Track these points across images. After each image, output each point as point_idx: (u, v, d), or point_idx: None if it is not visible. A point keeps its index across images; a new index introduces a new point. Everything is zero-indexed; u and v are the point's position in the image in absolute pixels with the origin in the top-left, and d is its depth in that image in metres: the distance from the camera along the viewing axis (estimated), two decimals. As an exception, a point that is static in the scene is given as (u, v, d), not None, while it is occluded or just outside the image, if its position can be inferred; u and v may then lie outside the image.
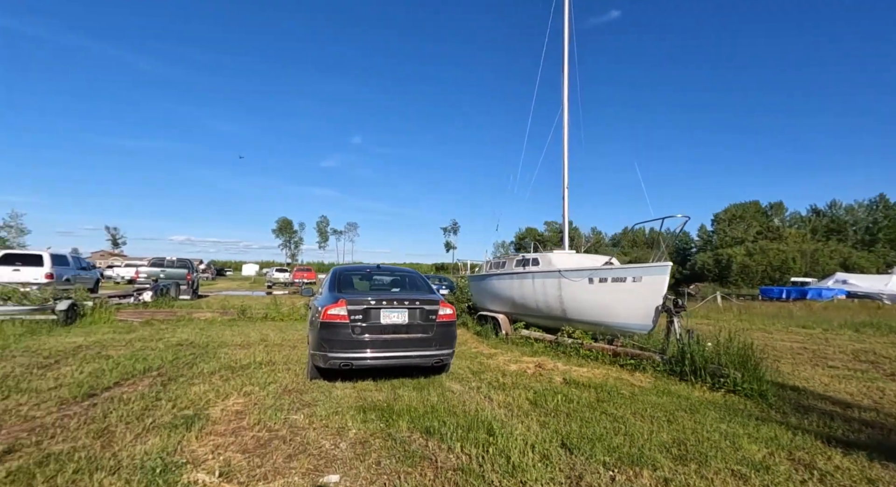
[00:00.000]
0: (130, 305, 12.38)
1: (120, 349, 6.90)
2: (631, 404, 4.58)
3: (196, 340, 7.97)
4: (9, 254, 15.49)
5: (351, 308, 4.89)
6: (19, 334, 7.69)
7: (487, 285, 10.04)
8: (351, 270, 6.30)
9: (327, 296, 5.42)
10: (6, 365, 5.61)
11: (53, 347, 6.83)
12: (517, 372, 5.97)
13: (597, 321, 7.08)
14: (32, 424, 3.69)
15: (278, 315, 11.82)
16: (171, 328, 9.51)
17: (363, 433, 3.66)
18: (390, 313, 5.02)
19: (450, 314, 5.34)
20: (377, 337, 4.91)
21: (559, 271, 7.54)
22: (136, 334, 8.46)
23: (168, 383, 5.05)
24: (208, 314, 11.78)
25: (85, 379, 5.02)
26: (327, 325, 4.88)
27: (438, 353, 5.08)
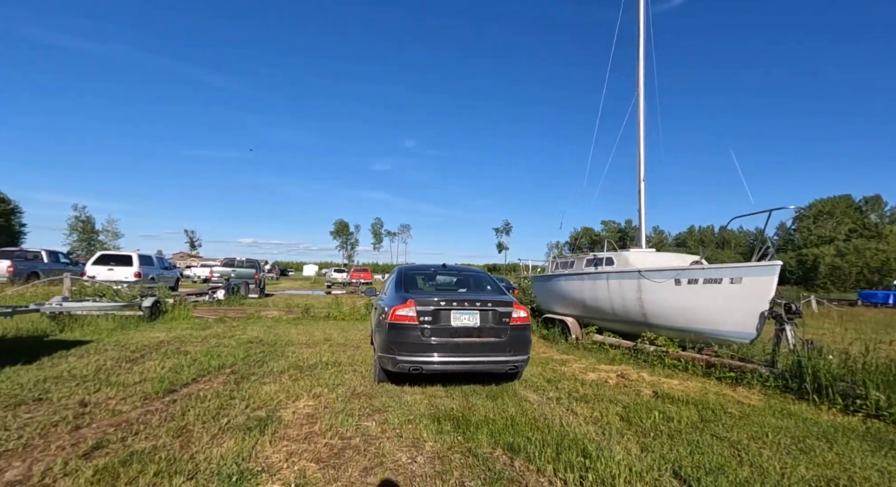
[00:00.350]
0: (205, 303, 13.14)
1: (197, 345, 7.18)
2: (745, 426, 3.91)
3: (265, 338, 8.16)
4: (104, 255, 17.13)
5: (420, 309, 4.63)
6: (111, 328, 8.28)
7: (554, 286, 9.46)
8: (416, 269, 6.06)
9: (394, 296, 5.21)
10: (99, 358, 5.96)
11: (139, 342, 7.24)
12: (597, 382, 5.42)
13: (685, 327, 6.32)
14: (119, 419, 3.76)
15: (340, 314, 11.97)
16: (241, 325, 9.88)
17: (440, 446, 3.35)
18: (461, 315, 4.69)
19: (524, 317, 4.92)
20: (447, 340, 4.60)
21: (639, 271, 6.84)
22: (211, 331, 8.84)
23: (241, 381, 5.07)
24: (275, 312, 12.19)
25: (166, 375, 5.18)
26: (395, 327, 4.65)
27: (513, 359, 4.68)
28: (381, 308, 5.36)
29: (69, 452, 3.10)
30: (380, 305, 5.62)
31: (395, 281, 5.67)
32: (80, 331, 7.81)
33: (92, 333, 7.81)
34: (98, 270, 16.33)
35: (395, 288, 5.50)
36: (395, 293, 5.32)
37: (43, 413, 3.80)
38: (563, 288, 9.00)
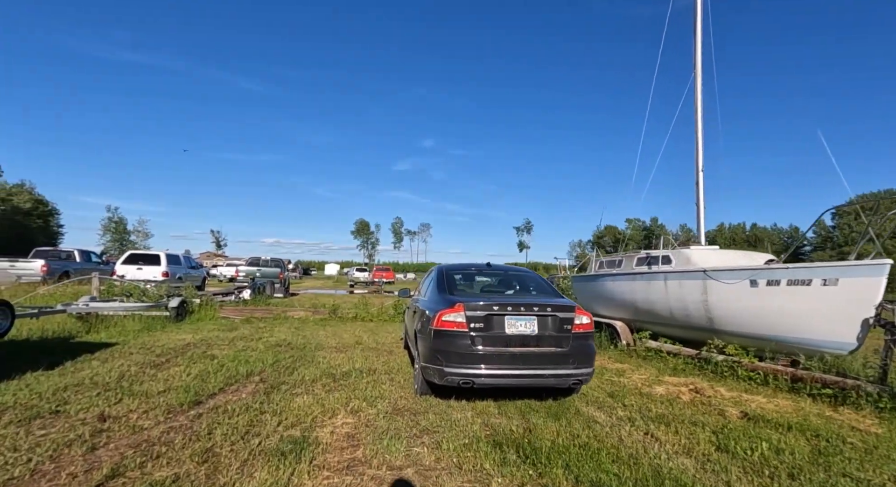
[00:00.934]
0: (232, 303, 12.94)
1: (223, 348, 6.82)
2: (879, 463, 3.20)
3: (293, 341, 7.77)
4: (133, 254, 17.25)
5: (470, 314, 4.07)
6: (137, 330, 8.04)
7: (599, 287, 8.76)
8: (458, 268, 5.51)
9: (437, 299, 4.67)
10: (123, 362, 5.63)
11: (165, 344, 6.94)
12: (668, 398, 4.75)
13: (763, 334, 5.57)
14: (139, 437, 3.34)
15: (367, 315, 11.55)
16: (268, 326, 9.56)
17: (510, 482, 2.79)
18: (517, 321, 4.11)
19: (588, 324, 4.31)
20: (502, 350, 4.03)
21: (704, 271, 6.11)
22: (238, 332, 8.52)
23: (270, 391, 4.63)
24: (301, 312, 11.87)
25: (192, 383, 4.78)
26: (442, 334, 4.11)
27: (576, 373, 4.07)
28: (422, 312, 4.83)
29: (81, 481, 2.67)
30: (420, 308, 5.10)
31: (436, 282, 5.13)
32: (105, 333, 7.58)
33: (118, 334, 7.57)
34: (127, 269, 16.43)
35: (437, 289, 4.97)
36: (438, 295, 4.77)
37: (58, 430, 3.41)
38: (610, 290, 8.30)
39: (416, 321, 5.08)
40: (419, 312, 5.02)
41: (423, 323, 4.54)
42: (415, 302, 6.32)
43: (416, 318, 5.06)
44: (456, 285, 5.06)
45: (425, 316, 4.57)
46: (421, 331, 4.55)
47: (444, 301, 4.41)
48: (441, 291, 4.79)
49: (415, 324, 5.06)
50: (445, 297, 4.51)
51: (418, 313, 5.08)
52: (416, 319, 5.15)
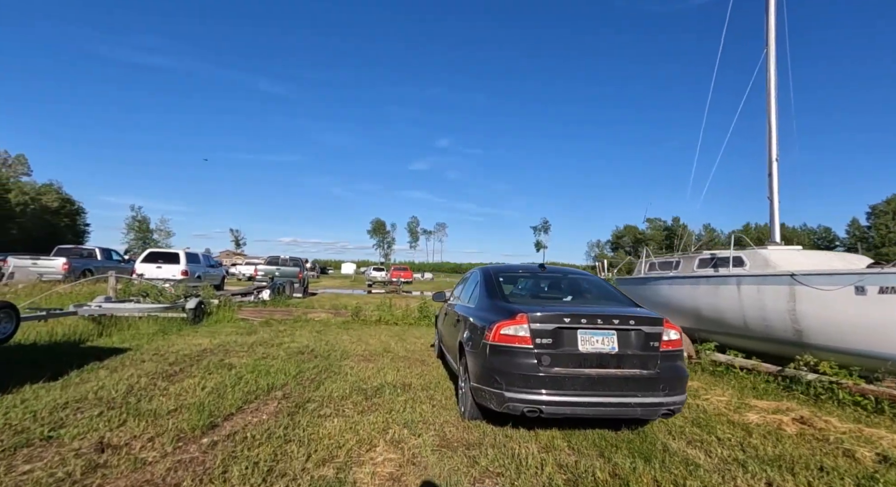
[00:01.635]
0: (251, 303, 12.48)
1: (242, 356, 6.25)
2: None
3: (316, 347, 7.16)
4: (152, 253, 17.03)
5: (536, 327, 3.35)
6: (152, 333, 7.55)
7: (651, 291, 7.93)
8: (507, 270, 4.79)
9: (490, 307, 3.96)
10: (134, 372, 5.09)
11: (180, 350, 6.40)
12: (769, 429, 3.93)
13: (875, 351, 4.70)
14: (140, 477, 2.72)
15: (392, 318, 10.92)
16: (288, 330, 9.00)
17: (622, 565, 2.06)
18: (592, 336, 3.37)
19: (677, 340, 3.54)
20: (576, 371, 3.29)
21: (791, 275, 5.24)
22: (257, 336, 7.96)
23: (295, 412, 3.99)
24: (322, 314, 11.32)
25: (206, 400, 4.18)
26: (501, 351, 3.39)
27: (668, 402, 3.30)
28: (469, 322, 4.12)
29: (60, 547, 2.05)
30: (464, 317, 4.39)
31: (484, 287, 4.42)
32: (118, 336, 7.10)
33: (131, 338, 7.08)
34: (147, 268, 16.20)
35: (486, 295, 4.26)
36: (490, 302, 4.06)
37: (46, 464, 2.82)
38: (666, 294, 7.46)
39: (460, 331, 4.38)
40: (464, 321, 4.31)
41: (474, 335, 3.83)
42: (452, 307, 5.63)
43: (461, 328, 4.36)
44: (506, 290, 4.34)
45: (475, 328, 3.86)
46: (470, 345, 3.84)
47: (500, 310, 3.70)
48: (493, 297, 4.08)
49: (459, 335, 4.36)
50: (501, 305, 3.80)
51: (463, 322, 4.38)
52: (459, 329, 4.45)
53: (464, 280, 5.86)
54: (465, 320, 4.31)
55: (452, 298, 6.17)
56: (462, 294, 5.38)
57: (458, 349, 4.39)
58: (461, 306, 4.98)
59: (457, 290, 6.17)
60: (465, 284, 5.46)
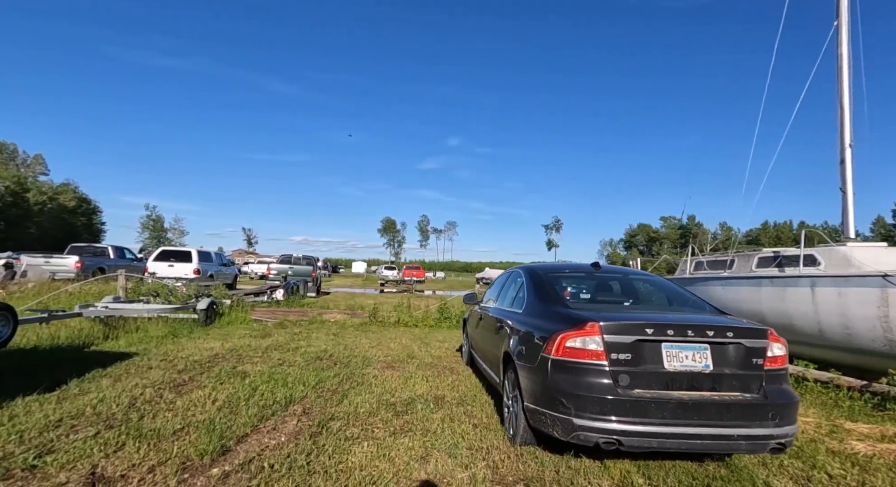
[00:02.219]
0: (264, 303, 12.06)
1: (256, 362, 5.75)
2: None
3: (335, 352, 6.65)
4: (164, 251, 16.76)
5: (611, 339, 2.75)
6: (161, 335, 7.12)
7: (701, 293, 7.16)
8: (557, 270, 4.20)
9: (545, 312, 3.38)
10: (139, 381, 4.61)
11: (190, 355, 5.93)
12: (887, 464, 3.28)
13: None
14: (135, 525, 2.20)
15: (411, 319, 10.38)
16: (304, 332, 8.51)
17: None
18: (681, 351, 2.77)
19: (783, 355, 2.92)
20: (662, 395, 2.69)
21: (883, 276, 4.55)
22: (272, 340, 7.48)
23: (318, 433, 3.46)
24: (337, 315, 10.82)
25: (217, 417, 3.67)
26: (567, 368, 2.81)
27: (779, 433, 2.68)
28: (518, 330, 3.54)
29: None
30: (511, 324, 3.82)
31: (533, 289, 3.84)
32: (125, 339, 6.67)
33: (139, 342, 6.64)
34: (159, 266, 15.93)
35: (537, 298, 3.68)
36: (543, 307, 3.48)
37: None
38: (719, 297, 6.74)
39: (504, 339, 3.80)
40: (511, 329, 3.74)
41: (527, 347, 3.25)
42: (486, 310, 5.06)
43: (506, 336, 3.79)
44: (560, 294, 3.75)
45: (529, 338, 3.28)
46: (523, 359, 3.26)
47: (562, 317, 3.11)
48: (548, 301, 3.50)
49: (504, 344, 3.79)
50: (563, 312, 3.21)
51: (509, 330, 3.80)
52: (503, 337, 3.88)
53: (501, 280, 5.28)
54: (512, 328, 3.73)
55: (487, 300, 5.59)
56: (502, 296, 4.80)
57: (503, 360, 3.81)
58: (502, 310, 4.40)
59: (491, 292, 5.60)
60: (505, 285, 4.88)
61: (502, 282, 5.10)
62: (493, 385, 4.37)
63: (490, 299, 5.52)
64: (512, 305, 4.17)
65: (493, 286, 5.59)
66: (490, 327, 4.59)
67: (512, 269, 5.05)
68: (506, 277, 5.07)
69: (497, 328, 4.22)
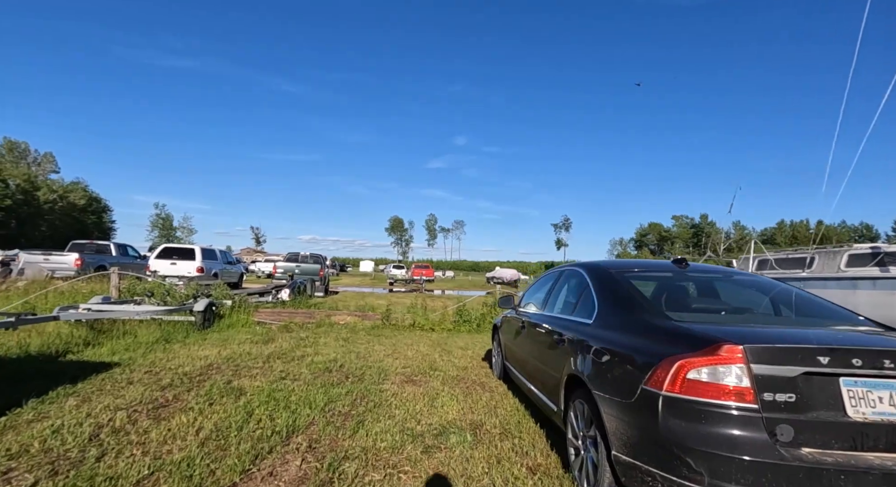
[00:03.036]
0: (268, 304, 11.29)
1: (255, 375, 4.93)
2: None
3: (345, 362, 5.82)
4: (167, 249, 16.09)
5: (762, 370, 1.86)
6: (152, 341, 6.33)
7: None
8: (632, 267, 3.29)
9: (631, 325, 2.51)
10: (111, 402, 3.81)
11: (180, 366, 5.14)
12: None
13: None
14: None
15: (427, 323, 9.52)
16: (311, 336, 7.70)
17: None
18: (872, 390, 1.86)
19: None
20: (849, 459, 1.78)
21: None
22: (275, 346, 6.67)
23: (329, 483, 2.62)
24: (347, 317, 10.01)
25: (198, 456, 2.84)
26: (690, 411, 1.91)
27: None
28: (601, 349, 2.65)
29: None
30: (577, 338, 2.94)
31: (605, 292, 2.96)
32: (110, 345, 5.89)
33: (125, 349, 5.86)
34: (161, 264, 15.27)
35: (613, 305, 2.80)
36: (628, 317, 2.60)
37: None
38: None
39: (567, 357, 2.92)
40: (579, 346, 2.85)
41: (615, 372, 2.37)
42: (529, 317, 4.19)
43: (570, 354, 2.90)
44: (642, 299, 2.85)
45: (616, 361, 2.40)
46: (609, 389, 2.37)
47: (669, 333, 2.23)
48: (635, 310, 2.61)
49: (567, 363, 2.91)
50: (669, 326, 2.32)
51: (573, 345, 2.92)
52: (565, 354, 3.00)
53: (546, 281, 4.41)
54: (580, 343, 2.85)
55: (525, 304, 4.72)
56: (551, 300, 3.91)
57: (565, 385, 2.94)
58: (557, 319, 3.52)
59: (532, 294, 4.73)
60: (555, 287, 3.99)
61: (549, 283, 4.22)
62: (544, 411, 3.50)
63: (530, 303, 4.64)
64: (573, 312, 3.29)
65: (534, 287, 4.72)
66: (538, 339, 3.72)
67: (561, 267, 4.16)
68: (554, 277, 4.18)
69: (551, 341, 3.34)
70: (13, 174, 58.63)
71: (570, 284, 3.63)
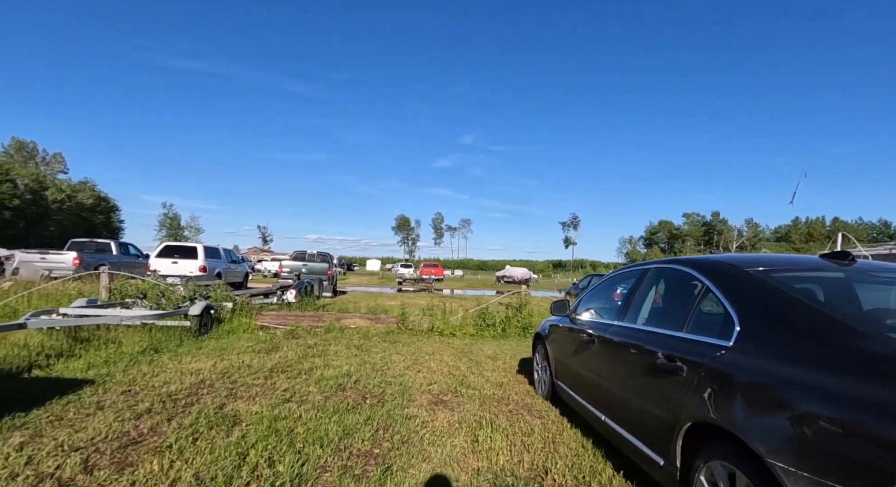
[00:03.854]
0: (274, 306, 10.47)
1: (254, 396, 4.08)
2: None
3: (361, 376, 4.95)
4: (168, 247, 15.37)
5: None
6: (138, 351, 5.51)
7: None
8: (777, 266, 2.34)
9: (848, 359, 1.57)
10: (66, 440, 2.97)
11: (166, 383, 4.30)
12: None
13: None
14: None
15: (446, 327, 8.63)
16: (320, 344, 6.85)
17: None
18: None
19: None
20: None
21: None
22: (279, 356, 5.83)
23: None
24: (358, 320, 9.16)
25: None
26: None
27: None
28: (752, 388, 1.75)
29: None
30: (702, 368, 2.04)
31: (756, 302, 2.05)
32: (87, 358, 5.07)
33: (105, 361, 5.03)
34: (162, 263, 14.55)
35: (773, 321, 1.89)
36: (822, 343, 1.68)
37: None
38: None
39: (699, 400, 1.99)
40: (717, 381, 1.94)
41: (834, 443, 1.43)
42: (602, 329, 3.29)
43: (701, 393, 1.99)
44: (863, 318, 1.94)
45: (817, 416, 1.48)
46: (809, 466, 1.45)
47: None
48: (837, 332, 1.69)
49: (698, 408, 1.99)
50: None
51: (699, 379, 2.01)
52: (689, 393, 2.08)
53: (621, 282, 3.51)
54: (719, 377, 1.93)
55: (581, 312, 3.81)
56: (635, 308, 2.99)
57: (684, 435, 2.04)
58: (655, 335, 2.61)
59: (601, 299, 3.82)
60: (639, 290, 3.06)
61: (625, 285, 3.31)
62: (636, 459, 2.60)
63: (591, 310, 3.74)
64: (682, 328, 2.37)
65: (598, 290, 3.81)
66: (623, 359, 2.81)
67: (642, 265, 3.25)
68: (634, 277, 3.24)
69: (651, 366, 2.43)
70: (22, 174, 58.70)
71: (669, 288, 2.73)
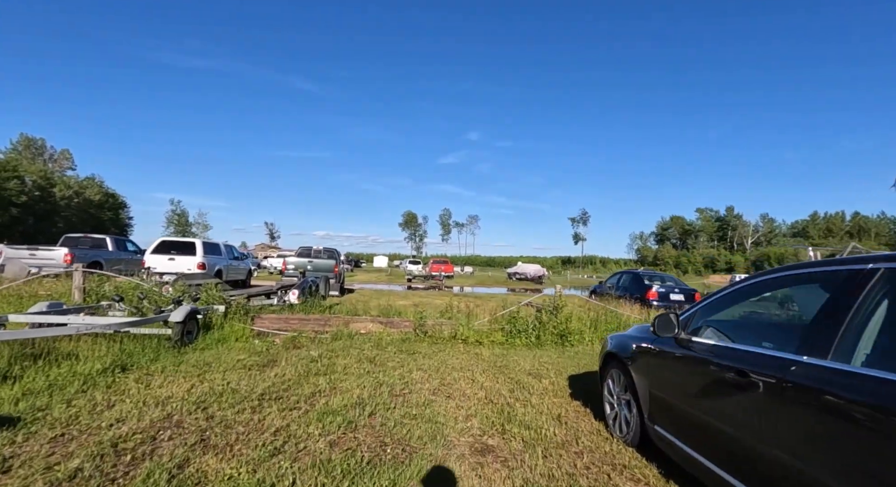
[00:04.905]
0: (275, 308, 9.38)
1: (233, 442, 2.95)
2: None
3: (377, 407, 3.81)
4: (165, 242, 14.35)
5: None
6: (97, 370, 4.41)
7: None
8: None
9: None
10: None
11: (118, 421, 3.19)
12: None
13: None
14: None
15: (472, 334, 7.46)
16: (326, 356, 5.74)
17: None
18: None
19: None
20: None
21: None
22: (274, 375, 4.71)
23: None
24: (370, 324, 8.03)
25: None
26: None
27: None
28: None
29: None
30: None
31: None
32: (25, 382, 3.96)
33: (48, 385, 3.92)
34: (157, 260, 13.54)
35: None
36: None
37: None
38: None
39: None
40: None
41: None
42: (748, 359, 2.09)
43: None
44: None
45: None
46: None
47: None
48: None
49: None
50: None
51: None
52: None
53: (820, 289, 2.31)
54: None
55: (704, 332, 2.61)
56: (866, 340, 1.75)
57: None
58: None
59: (759, 318, 2.62)
60: (874, 307, 1.81)
61: (802, 294, 2.12)
62: None
63: (720, 331, 2.54)
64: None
65: (734, 298, 2.61)
66: (825, 427, 1.62)
67: (853, 262, 2.00)
68: (834, 286, 1.97)
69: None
70: (30, 170, 58.41)
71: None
